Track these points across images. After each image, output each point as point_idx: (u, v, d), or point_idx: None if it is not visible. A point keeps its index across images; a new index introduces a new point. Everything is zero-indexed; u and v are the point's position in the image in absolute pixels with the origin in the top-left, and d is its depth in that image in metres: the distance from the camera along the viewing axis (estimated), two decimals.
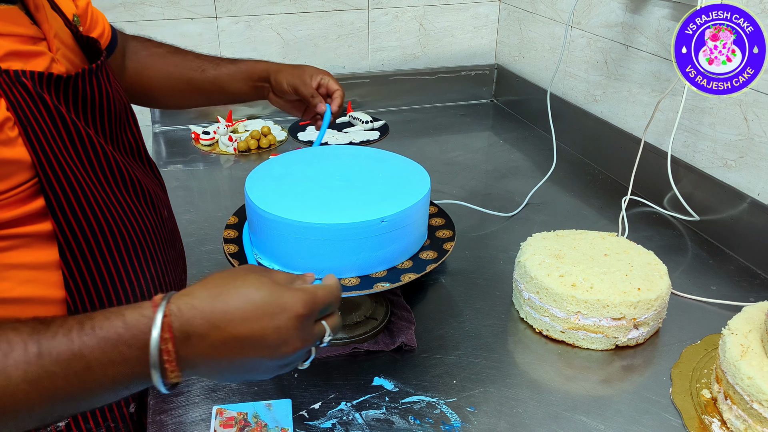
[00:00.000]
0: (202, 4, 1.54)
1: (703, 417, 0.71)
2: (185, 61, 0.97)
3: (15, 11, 0.62)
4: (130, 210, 0.67)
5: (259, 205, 0.75)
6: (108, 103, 0.68)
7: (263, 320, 0.49)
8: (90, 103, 0.65)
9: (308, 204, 0.75)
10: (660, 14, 1.18)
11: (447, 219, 0.88)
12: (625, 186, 1.22)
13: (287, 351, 0.51)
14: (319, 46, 1.67)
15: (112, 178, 0.65)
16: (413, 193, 0.78)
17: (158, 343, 0.47)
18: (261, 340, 0.49)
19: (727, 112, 1.05)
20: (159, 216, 0.74)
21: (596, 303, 0.80)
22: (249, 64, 0.97)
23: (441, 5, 1.72)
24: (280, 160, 0.87)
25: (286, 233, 0.73)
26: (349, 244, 0.73)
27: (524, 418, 0.72)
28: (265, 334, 0.49)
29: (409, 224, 0.76)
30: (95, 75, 0.67)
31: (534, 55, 1.63)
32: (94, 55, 0.72)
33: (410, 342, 0.82)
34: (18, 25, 0.62)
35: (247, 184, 0.80)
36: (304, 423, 0.70)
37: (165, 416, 0.71)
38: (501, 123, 1.67)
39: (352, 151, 0.92)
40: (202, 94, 0.98)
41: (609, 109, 1.36)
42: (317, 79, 0.94)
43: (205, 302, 0.49)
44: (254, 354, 0.50)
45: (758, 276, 0.99)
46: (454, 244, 0.82)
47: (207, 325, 0.48)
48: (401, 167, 0.86)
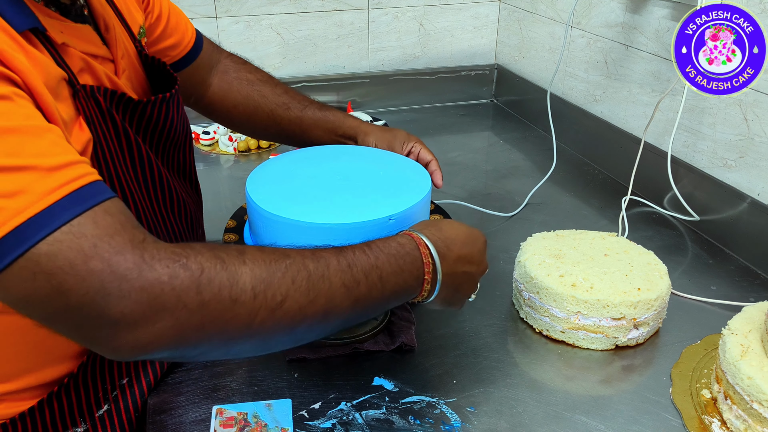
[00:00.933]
0: (202, 4, 1.54)
1: (703, 417, 0.71)
2: (273, 94, 0.96)
3: (87, 30, 0.64)
4: (175, 230, 0.69)
5: (261, 205, 0.74)
6: (172, 130, 0.70)
7: (471, 244, 0.68)
8: (154, 128, 0.67)
9: (310, 203, 0.75)
10: (660, 14, 1.18)
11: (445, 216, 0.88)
12: (625, 186, 1.22)
13: (480, 270, 0.70)
14: (319, 46, 1.67)
15: (162, 197, 0.67)
16: (415, 191, 0.78)
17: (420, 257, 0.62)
18: (472, 257, 0.68)
19: (727, 112, 1.05)
20: (196, 235, 0.76)
21: (596, 303, 0.80)
22: (338, 116, 0.95)
23: (441, 5, 1.72)
24: (281, 159, 0.87)
25: (289, 233, 0.73)
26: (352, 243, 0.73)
27: (524, 418, 0.72)
28: (473, 252, 0.68)
29: (413, 222, 0.76)
30: (166, 103, 0.68)
31: (534, 55, 1.63)
32: (159, 75, 0.73)
33: (410, 342, 0.82)
34: (90, 44, 0.63)
35: (248, 184, 0.79)
36: (304, 423, 0.70)
37: (165, 416, 0.71)
38: (501, 123, 1.67)
39: (352, 151, 0.92)
40: (281, 131, 0.97)
41: (609, 109, 1.37)
42: (408, 146, 0.93)
43: (437, 233, 0.65)
44: (469, 268, 0.68)
45: (758, 276, 0.99)
46: None
47: (444, 246, 0.64)
48: (401, 166, 0.86)
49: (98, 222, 0.46)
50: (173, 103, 0.71)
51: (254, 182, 0.80)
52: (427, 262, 0.62)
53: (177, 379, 0.77)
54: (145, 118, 0.66)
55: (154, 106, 0.67)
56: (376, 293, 0.58)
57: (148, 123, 0.67)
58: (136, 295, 0.45)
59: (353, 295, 0.56)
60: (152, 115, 0.67)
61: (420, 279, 0.63)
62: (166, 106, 0.69)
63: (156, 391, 0.75)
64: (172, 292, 0.46)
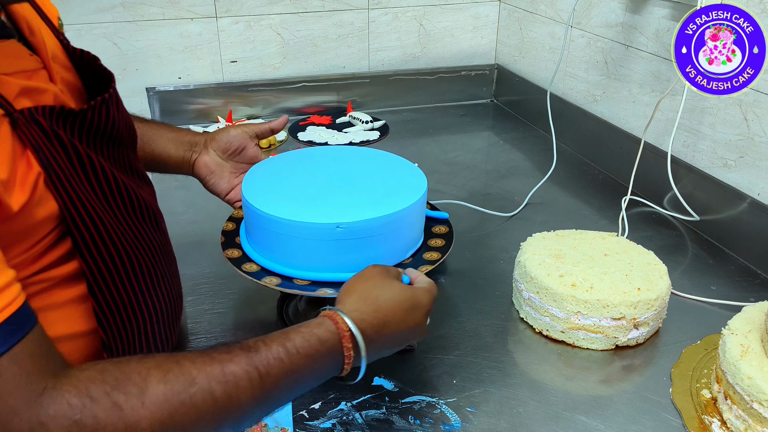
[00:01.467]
0: (202, 4, 1.54)
1: (703, 417, 0.71)
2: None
3: (14, 45, 0.60)
4: (141, 233, 0.67)
5: (256, 206, 0.74)
6: (116, 131, 0.67)
7: (408, 319, 0.64)
8: (102, 134, 0.64)
9: (305, 203, 0.75)
10: (660, 14, 1.18)
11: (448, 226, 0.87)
12: (625, 186, 1.22)
13: (419, 334, 0.67)
14: (319, 46, 1.67)
15: (123, 204, 0.64)
16: (411, 192, 0.78)
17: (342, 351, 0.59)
18: (407, 332, 0.65)
19: (727, 112, 1.05)
20: (162, 232, 0.74)
21: (596, 303, 0.80)
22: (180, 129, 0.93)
23: (441, 5, 1.72)
24: (277, 160, 0.87)
25: (283, 232, 0.73)
26: (345, 243, 0.72)
27: (524, 418, 0.72)
28: (409, 327, 0.65)
29: (405, 224, 0.76)
30: (106, 104, 0.65)
31: (534, 55, 1.63)
32: (88, 68, 0.70)
33: (410, 342, 0.82)
34: (19, 59, 0.59)
35: (244, 184, 0.80)
36: (304, 423, 0.70)
37: None
38: (501, 123, 1.67)
39: (348, 152, 0.92)
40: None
41: (609, 109, 1.37)
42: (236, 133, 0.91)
43: (369, 315, 0.62)
44: (402, 341, 0.66)
45: (758, 276, 0.99)
46: (449, 242, 0.82)
47: (374, 332, 0.62)
48: (397, 167, 0.85)
49: (2, 374, 0.45)
50: (113, 103, 0.66)
51: (250, 182, 0.80)
52: (349, 355, 0.60)
53: None
54: (89, 125, 0.62)
55: (94, 111, 0.62)
56: (290, 395, 0.57)
57: (95, 131, 0.62)
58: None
59: (265, 404, 0.55)
60: (95, 121, 0.62)
61: (339, 367, 0.60)
62: (107, 108, 0.64)
63: None
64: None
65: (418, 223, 0.81)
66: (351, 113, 1.64)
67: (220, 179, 0.90)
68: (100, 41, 1.49)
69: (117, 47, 1.51)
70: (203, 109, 1.60)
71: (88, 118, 0.61)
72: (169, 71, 1.58)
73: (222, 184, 0.90)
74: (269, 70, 1.65)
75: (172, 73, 1.58)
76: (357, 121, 1.60)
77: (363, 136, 1.53)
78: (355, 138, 1.51)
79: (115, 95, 0.67)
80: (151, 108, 1.58)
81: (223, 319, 0.88)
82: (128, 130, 0.70)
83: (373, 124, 1.58)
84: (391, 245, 0.76)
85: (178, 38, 1.55)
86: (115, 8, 1.48)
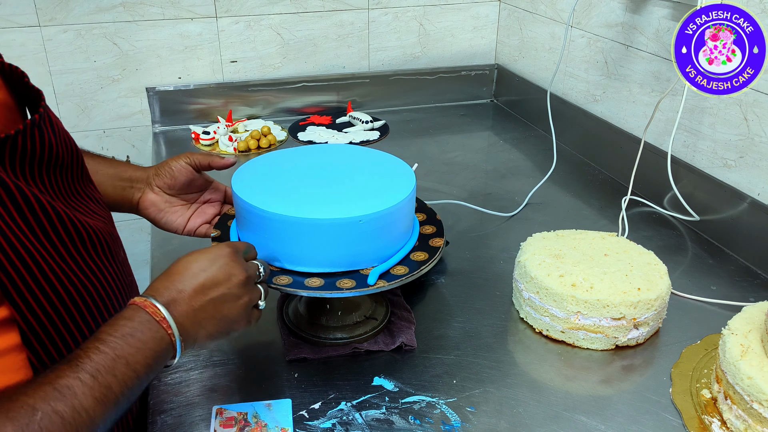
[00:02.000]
0: (202, 4, 1.54)
1: (703, 417, 0.71)
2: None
3: None
4: (88, 268, 0.62)
5: (247, 200, 0.74)
6: (56, 155, 0.61)
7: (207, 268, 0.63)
8: (33, 159, 0.58)
9: (295, 199, 0.75)
10: (660, 14, 1.18)
11: (437, 225, 0.87)
12: (625, 186, 1.22)
13: (238, 281, 0.64)
14: (319, 46, 1.67)
15: (62, 238, 0.58)
16: (399, 189, 0.78)
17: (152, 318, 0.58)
18: (215, 280, 0.63)
19: (727, 112, 1.05)
20: (120, 261, 0.69)
21: (596, 303, 0.80)
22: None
23: (441, 5, 1.72)
24: (268, 157, 0.87)
25: (273, 227, 0.73)
26: (334, 239, 0.73)
27: (524, 418, 0.72)
28: (215, 275, 0.63)
29: (395, 219, 0.76)
30: (38, 127, 0.58)
31: (534, 55, 1.63)
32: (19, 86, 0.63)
33: (410, 342, 0.82)
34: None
35: (234, 180, 0.80)
36: (304, 423, 0.70)
37: (165, 416, 0.71)
38: (501, 123, 1.67)
39: (338, 149, 0.91)
40: None
41: (609, 109, 1.37)
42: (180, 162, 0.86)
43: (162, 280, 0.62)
44: (216, 292, 0.63)
45: (758, 276, 0.99)
46: (443, 240, 0.82)
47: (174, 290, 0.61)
48: (386, 164, 0.85)
49: None
50: (45, 124, 0.60)
51: (240, 178, 0.80)
52: (162, 318, 0.58)
53: (177, 379, 0.77)
54: (18, 152, 0.56)
55: (25, 136, 0.57)
56: (131, 381, 0.55)
57: (23, 156, 0.57)
58: None
59: (111, 400, 0.53)
60: (27, 147, 0.57)
61: (165, 339, 0.58)
62: (39, 131, 0.58)
63: (156, 391, 0.75)
64: None
65: (410, 214, 0.81)
66: (351, 113, 1.64)
67: (172, 215, 0.85)
68: (100, 41, 1.49)
69: (117, 47, 1.51)
70: (203, 109, 1.61)
71: (19, 145, 0.56)
72: (169, 71, 1.58)
73: (176, 220, 0.85)
74: (269, 70, 1.65)
75: (172, 73, 1.58)
76: (357, 121, 1.60)
77: (363, 136, 1.53)
78: (355, 138, 1.51)
79: (46, 114, 0.61)
80: (151, 108, 1.58)
81: None
82: (69, 151, 0.64)
83: (373, 124, 1.58)
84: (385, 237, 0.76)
85: (178, 38, 1.55)
86: (115, 8, 1.48)
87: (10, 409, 0.48)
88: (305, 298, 0.87)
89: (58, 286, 0.57)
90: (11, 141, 0.55)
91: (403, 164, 0.85)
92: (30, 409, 0.48)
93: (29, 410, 0.48)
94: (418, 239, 0.82)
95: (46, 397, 0.49)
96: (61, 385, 0.50)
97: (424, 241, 0.82)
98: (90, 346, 0.54)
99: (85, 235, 0.61)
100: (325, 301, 0.84)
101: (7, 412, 0.47)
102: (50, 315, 0.56)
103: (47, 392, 0.49)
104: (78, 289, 0.59)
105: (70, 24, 1.46)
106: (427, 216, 0.88)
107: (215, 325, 0.63)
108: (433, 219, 0.87)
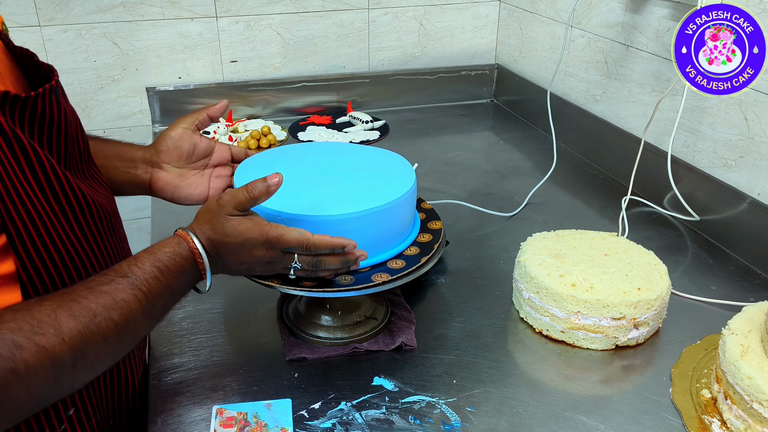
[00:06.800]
0: (202, 4, 1.54)
1: (703, 417, 0.71)
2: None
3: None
4: (90, 237, 0.63)
5: None
6: (65, 124, 0.63)
7: (245, 245, 0.68)
8: (48, 125, 0.60)
9: (296, 196, 0.75)
10: (660, 14, 1.18)
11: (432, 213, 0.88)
12: (625, 186, 1.22)
13: (267, 255, 0.70)
14: (319, 46, 1.67)
15: (69, 205, 0.60)
16: (400, 185, 0.78)
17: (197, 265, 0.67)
18: (245, 252, 0.69)
19: (727, 112, 1.05)
20: (119, 238, 0.71)
21: (596, 303, 0.80)
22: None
23: (441, 5, 1.72)
24: (269, 154, 0.87)
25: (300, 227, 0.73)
26: None
27: (524, 418, 0.72)
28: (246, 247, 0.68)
29: (397, 215, 0.76)
30: (54, 93, 0.61)
31: (534, 55, 1.63)
32: (31, 69, 0.66)
33: (410, 342, 0.82)
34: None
35: (236, 177, 0.80)
36: (304, 423, 0.70)
37: (165, 416, 0.71)
38: (501, 123, 1.67)
39: (338, 146, 0.92)
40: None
41: (609, 109, 1.37)
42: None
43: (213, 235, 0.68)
44: (247, 260, 0.69)
45: (758, 276, 0.99)
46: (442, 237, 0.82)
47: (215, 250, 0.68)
48: (386, 161, 0.85)
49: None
50: (60, 93, 0.63)
51: (241, 175, 0.80)
52: (200, 261, 0.67)
53: (177, 379, 0.77)
54: (37, 115, 0.59)
55: (44, 99, 0.59)
56: (171, 303, 0.65)
57: (41, 121, 0.59)
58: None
59: (152, 318, 0.63)
60: (43, 110, 0.59)
61: (198, 278, 0.68)
62: (55, 97, 0.61)
63: (156, 391, 0.75)
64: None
65: (410, 211, 0.81)
66: (351, 113, 1.64)
67: (190, 188, 0.83)
68: (100, 41, 1.49)
69: (117, 47, 1.51)
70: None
71: (38, 107, 0.58)
72: (169, 71, 1.58)
73: (196, 191, 0.83)
74: (269, 70, 1.65)
75: (172, 73, 1.58)
76: (357, 120, 1.60)
77: (363, 136, 1.53)
78: (355, 138, 1.51)
79: (59, 87, 0.64)
80: (151, 108, 1.58)
81: (222, 318, 0.88)
82: (77, 125, 0.67)
83: (373, 124, 1.58)
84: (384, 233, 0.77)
85: (178, 38, 1.55)
86: (115, 8, 1.48)
87: (73, 308, 0.54)
88: (305, 298, 0.87)
89: (60, 248, 0.60)
90: (32, 102, 0.58)
91: (403, 160, 0.86)
92: (91, 313, 0.55)
93: (91, 313, 0.55)
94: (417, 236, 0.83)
95: (105, 306, 0.56)
96: (119, 297, 0.58)
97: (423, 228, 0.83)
98: (148, 267, 0.62)
99: (86, 206, 0.64)
100: (324, 301, 0.84)
101: (71, 311, 0.54)
102: (51, 274, 0.59)
103: (106, 302, 0.57)
104: (79, 255, 0.62)
105: (70, 24, 1.46)
106: (426, 215, 0.88)
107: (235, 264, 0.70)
108: (433, 214, 0.88)
